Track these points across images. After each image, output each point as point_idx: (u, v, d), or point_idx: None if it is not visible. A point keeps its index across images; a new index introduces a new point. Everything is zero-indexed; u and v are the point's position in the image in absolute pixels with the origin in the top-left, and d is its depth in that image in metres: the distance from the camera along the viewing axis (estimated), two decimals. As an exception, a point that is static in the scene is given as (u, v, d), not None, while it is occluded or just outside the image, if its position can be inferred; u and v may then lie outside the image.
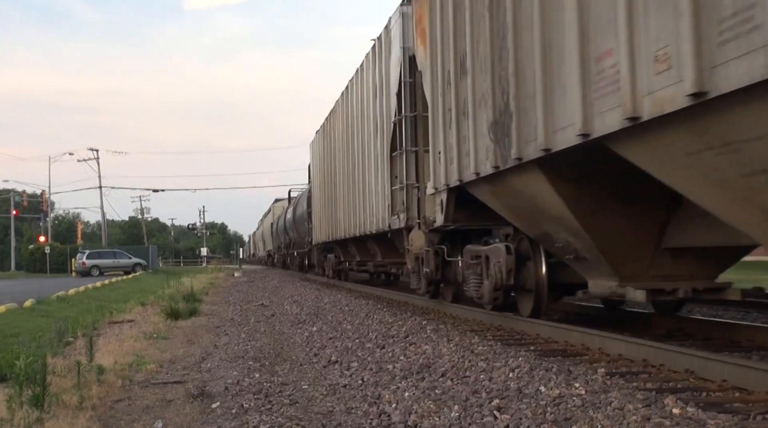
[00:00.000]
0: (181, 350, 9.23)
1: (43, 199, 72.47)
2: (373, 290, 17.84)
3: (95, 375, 6.65)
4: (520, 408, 4.80)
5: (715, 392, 5.08)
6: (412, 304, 13.64)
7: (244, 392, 6.09)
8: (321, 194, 24.18)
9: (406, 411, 4.97)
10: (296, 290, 20.92)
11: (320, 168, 24.53)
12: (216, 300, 19.16)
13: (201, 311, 15.17)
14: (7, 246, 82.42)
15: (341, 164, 20.19)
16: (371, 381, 6.24)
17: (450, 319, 10.68)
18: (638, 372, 5.91)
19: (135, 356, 8.42)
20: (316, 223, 25.60)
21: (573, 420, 4.46)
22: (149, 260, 56.99)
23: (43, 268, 61.14)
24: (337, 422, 4.96)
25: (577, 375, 5.68)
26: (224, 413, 5.40)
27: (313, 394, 6.01)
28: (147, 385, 6.76)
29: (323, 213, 23.70)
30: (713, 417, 4.26)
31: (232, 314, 14.25)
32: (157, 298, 18.72)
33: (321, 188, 24.19)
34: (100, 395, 6.15)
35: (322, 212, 24.09)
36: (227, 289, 25.35)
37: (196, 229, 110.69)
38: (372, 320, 10.99)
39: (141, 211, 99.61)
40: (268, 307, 15.69)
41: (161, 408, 5.79)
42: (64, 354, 8.69)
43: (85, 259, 50.43)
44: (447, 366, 6.53)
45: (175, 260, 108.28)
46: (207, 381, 6.73)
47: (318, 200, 25.08)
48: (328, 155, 22.68)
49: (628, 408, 4.55)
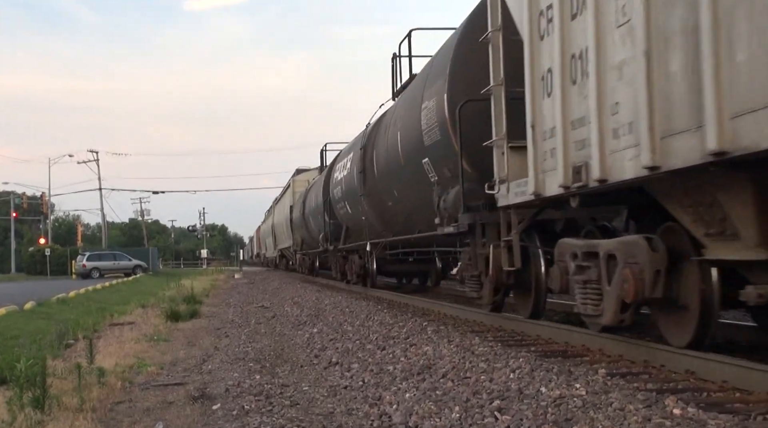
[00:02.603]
0: (181, 352, 9.23)
1: (43, 201, 72.45)
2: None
3: (96, 377, 6.65)
4: (520, 409, 4.80)
5: (716, 392, 5.08)
6: (413, 305, 13.64)
7: (245, 393, 6.09)
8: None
9: (407, 412, 4.97)
10: (296, 291, 20.92)
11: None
12: (216, 302, 19.16)
13: (201, 313, 15.17)
14: (7, 248, 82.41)
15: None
16: (372, 383, 6.24)
17: (450, 320, 10.68)
18: (639, 372, 5.91)
19: (135, 358, 8.42)
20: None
21: (574, 420, 4.46)
22: (149, 262, 57.01)
23: (44, 270, 61.14)
24: (338, 423, 4.96)
25: (577, 375, 5.68)
26: (225, 415, 5.40)
27: (313, 395, 6.01)
28: (148, 387, 6.76)
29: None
30: (714, 418, 4.26)
31: (232, 316, 14.25)
32: (157, 300, 18.72)
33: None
34: (100, 397, 6.15)
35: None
36: (227, 291, 25.36)
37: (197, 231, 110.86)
38: (372, 321, 10.99)
39: (141, 213, 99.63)
40: (268, 309, 15.69)
41: (162, 410, 5.80)
42: (65, 357, 8.69)
43: (85, 261, 50.45)
44: (448, 367, 6.53)
45: (175, 262, 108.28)
46: (208, 382, 6.73)
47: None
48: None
49: (629, 408, 4.55)
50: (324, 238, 23.10)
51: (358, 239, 19.10)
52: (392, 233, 15.94)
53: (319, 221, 23.98)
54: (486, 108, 8.52)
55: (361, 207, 17.53)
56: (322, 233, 23.31)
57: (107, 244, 71.74)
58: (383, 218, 16.25)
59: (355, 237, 19.60)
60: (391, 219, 15.59)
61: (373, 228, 17.32)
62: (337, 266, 22.85)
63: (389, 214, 15.59)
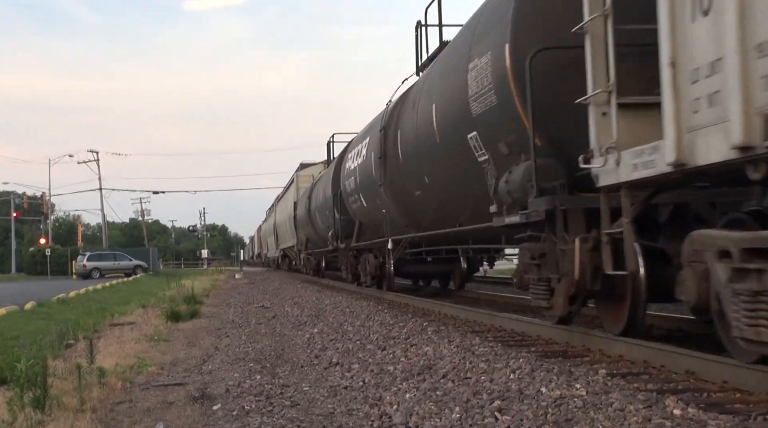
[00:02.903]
0: (182, 352, 9.23)
1: (43, 201, 72.46)
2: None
3: (96, 378, 6.65)
4: (521, 409, 4.80)
5: (716, 393, 5.08)
6: (413, 306, 13.63)
7: (245, 394, 6.10)
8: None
9: (407, 413, 4.97)
10: (297, 292, 20.92)
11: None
12: (217, 302, 19.17)
13: (202, 313, 15.17)
14: (7, 249, 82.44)
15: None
16: (372, 383, 6.24)
17: (451, 320, 10.68)
18: (639, 373, 5.91)
19: (136, 358, 8.42)
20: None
21: (574, 421, 4.46)
22: (150, 262, 57.02)
23: (44, 270, 61.15)
24: (339, 423, 4.96)
25: (578, 376, 5.68)
26: (225, 415, 5.40)
27: (314, 396, 6.01)
28: (148, 387, 6.76)
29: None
30: (714, 418, 4.26)
31: (233, 316, 14.25)
32: (157, 300, 18.72)
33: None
34: (100, 397, 6.15)
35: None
36: (228, 291, 25.36)
37: (197, 231, 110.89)
38: (373, 321, 10.99)
39: (141, 213, 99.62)
40: (269, 309, 15.69)
41: (162, 410, 5.80)
42: (65, 357, 8.69)
43: (85, 261, 50.46)
44: (448, 368, 6.53)
45: (175, 262, 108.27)
46: (208, 383, 6.73)
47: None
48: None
49: (629, 409, 4.55)
50: (333, 235, 20.96)
51: (374, 236, 17.08)
52: (418, 228, 13.80)
53: (327, 217, 22.01)
54: (566, 60, 6.92)
55: (379, 199, 15.49)
56: (331, 230, 21.37)
57: (107, 244, 71.72)
58: (408, 210, 14.11)
59: (370, 234, 17.66)
60: (419, 211, 13.47)
61: (394, 223, 15.16)
62: (348, 266, 20.76)
63: (416, 205, 13.41)
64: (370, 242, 17.42)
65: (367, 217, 17.58)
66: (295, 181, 34.31)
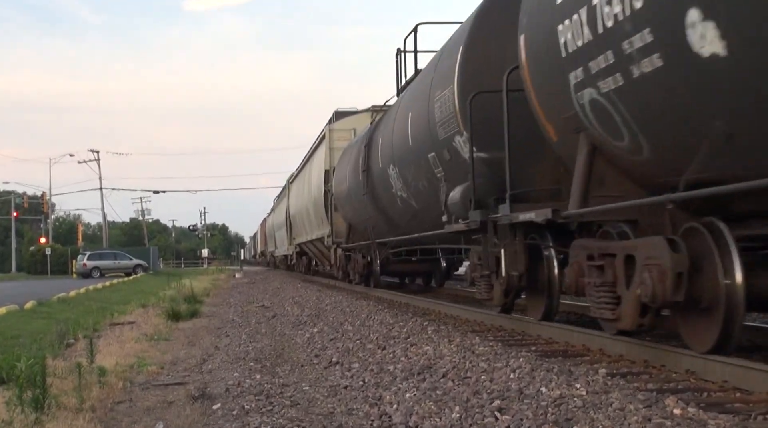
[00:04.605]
0: (182, 351, 9.23)
1: (43, 200, 72.46)
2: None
3: (96, 377, 6.65)
4: (521, 409, 4.80)
5: (716, 392, 5.08)
6: (413, 305, 13.64)
7: (245, 393, 6.10)
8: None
9: (407, 412, 4.97)
10: (297, 291, 20.91)
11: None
12: (217, 302, 19.18)
13: (202, 312, 15.18)
14: (7, 248, 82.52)
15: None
16: (372, 382, 6.24)
17: (451, 320, 10.68)
18: (639, 372, 5.91)
19: (136, 357, 8.43)
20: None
21: (574, 420, 4.46)
22: (150, 261, 57.04)
23: (44, 270, 61.18)
24: (338, 423, 4.96)
25: (578, 375, 5.68)
26: (225, 414, 5.40)
27: (314, 395, 6.01)
28: (148, 387, 6.76)
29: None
30: (714, 418, 4.26)
31: (233, 316, 14.26)
32: (158, 299, 18.72)
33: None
34: (100, 396, 6.15)
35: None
36: (228, 290, 25.37)
37: (197, 230, 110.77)
38: (373, 321, 10.99)
39: (142, 212, 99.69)
40: (269, 308, 15.69)
41: (162, 410, 5.80)
42: (65, 356, 8.69)
43: (86, 260, 50.47)
44: (448, 367, 6.53)
45: (176, 261, 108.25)
46: (208, 382, 6.73)
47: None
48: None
49: (629, 408, 4.55)
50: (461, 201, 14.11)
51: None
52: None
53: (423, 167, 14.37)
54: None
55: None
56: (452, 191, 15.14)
57: (108, 243, 71.72)
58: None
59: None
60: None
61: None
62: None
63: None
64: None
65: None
66: (327, 137, 22.88)
